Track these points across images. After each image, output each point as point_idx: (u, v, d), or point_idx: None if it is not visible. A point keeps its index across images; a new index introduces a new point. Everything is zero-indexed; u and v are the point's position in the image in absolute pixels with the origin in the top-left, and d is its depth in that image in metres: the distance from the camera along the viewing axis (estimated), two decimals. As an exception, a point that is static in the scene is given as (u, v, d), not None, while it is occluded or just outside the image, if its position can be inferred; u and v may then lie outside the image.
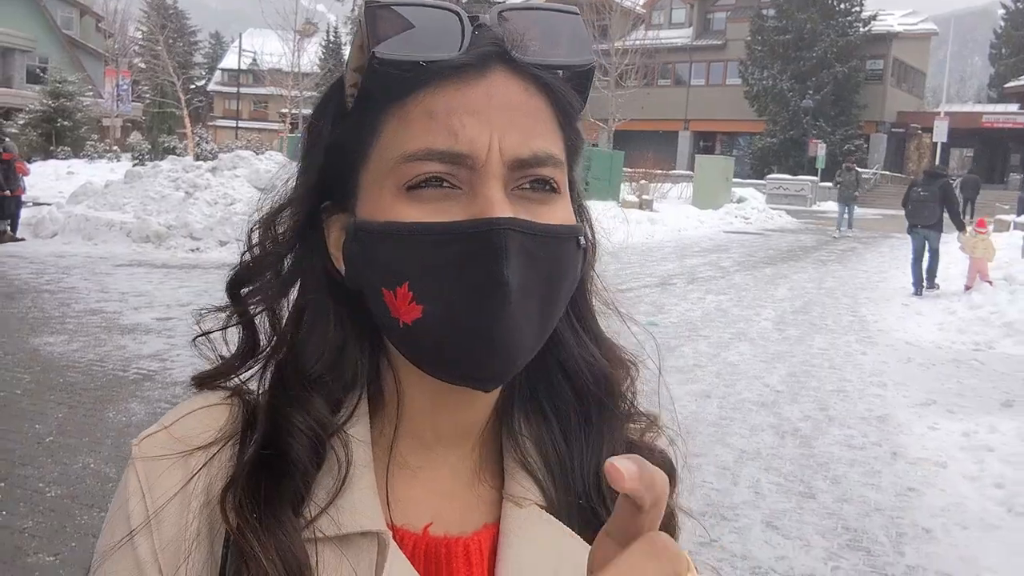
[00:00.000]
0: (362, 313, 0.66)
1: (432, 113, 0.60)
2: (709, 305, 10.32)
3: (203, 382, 0.69)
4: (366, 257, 0.62)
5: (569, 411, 0.72)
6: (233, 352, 0.70)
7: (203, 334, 0.70)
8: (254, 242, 0.69)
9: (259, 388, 0.68)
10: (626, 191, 26.47)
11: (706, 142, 48.23)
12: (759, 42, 42.47)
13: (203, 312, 0.70)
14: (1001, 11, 55.91)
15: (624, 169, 27.25)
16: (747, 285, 12.35)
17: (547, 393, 0.73)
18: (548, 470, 0.70)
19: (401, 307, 0.61)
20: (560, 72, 0.65)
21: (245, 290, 0.69)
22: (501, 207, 0.58)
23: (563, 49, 0.64)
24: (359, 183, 0.64)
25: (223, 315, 0.70)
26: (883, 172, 41.48)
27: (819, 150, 35.46)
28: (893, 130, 44.87)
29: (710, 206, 27.01)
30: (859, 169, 25.43)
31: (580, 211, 0.70)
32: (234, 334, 0.70)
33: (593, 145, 33.99)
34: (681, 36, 48.13)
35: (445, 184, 0.60)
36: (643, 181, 27.37)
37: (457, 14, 0.61)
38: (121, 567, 0.62)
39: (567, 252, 0.63)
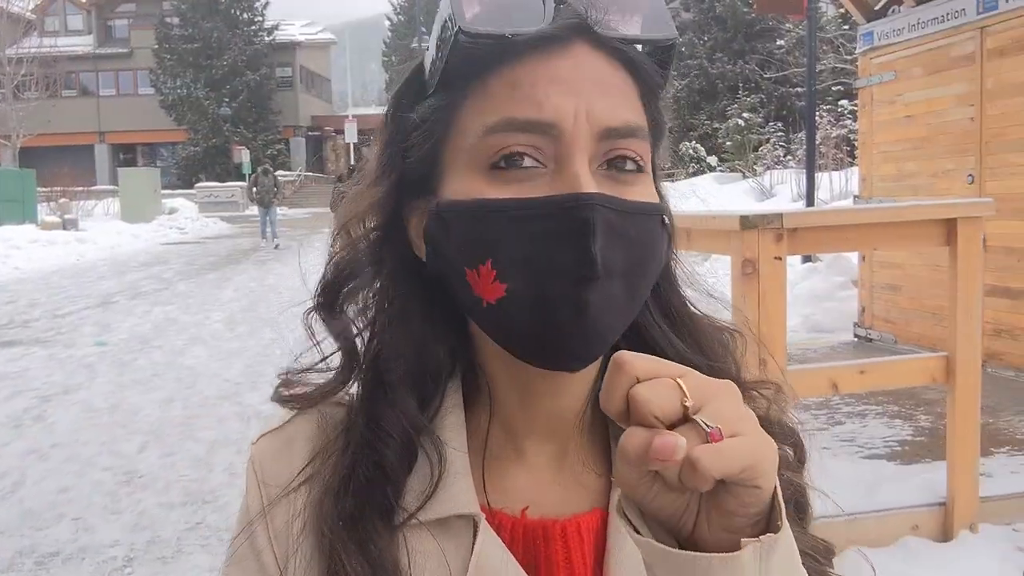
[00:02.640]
0: (448, 303, 0.65)
1: (515, 84, 0.59)
2: (157, 316, 10.27)
3: (289, 382, 0.71)
4: (448, 237, 0.61)
5: None
6: (336, 370, 0.70)
7: (317, 341, 0.70)
8: (338, 245, 0.69)
9: (355, 386, 0.69)
10: (45, 212, 24.27)
11: (126, 154, 45.91)
12: (167, 50, 41.66)
13: (307, 313, 0.70)
14: (387, 23, 62.33)
15: (39, 188, 24.92)
16: (192, 292, 12.46)
17: None
18: None
19: (485, 286, 0.59)
20: (642, 47, 0.64)
21: (340, 296, 0.68)
22: (588, 183, 0.57)
23: (645, 24, 0.62)
24: (442, 165, 0.63)
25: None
26: (307, 173, 43.85)
27: (243, 156, 36.23)
28: (310, 133, 47.65)
29: (142, 220, 26.10)
30: (279, 173, 24.90)
31: (660, 193, 0.67)
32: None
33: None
34: (82, 44, 44.89)
35: (528, 161, 0.59)
36: (64, 200, 25.30)
37: None
38: (243, 551, 0.67)
39: (653, 231, 0.62)
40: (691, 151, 24.67)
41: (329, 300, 0.69)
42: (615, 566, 0.65)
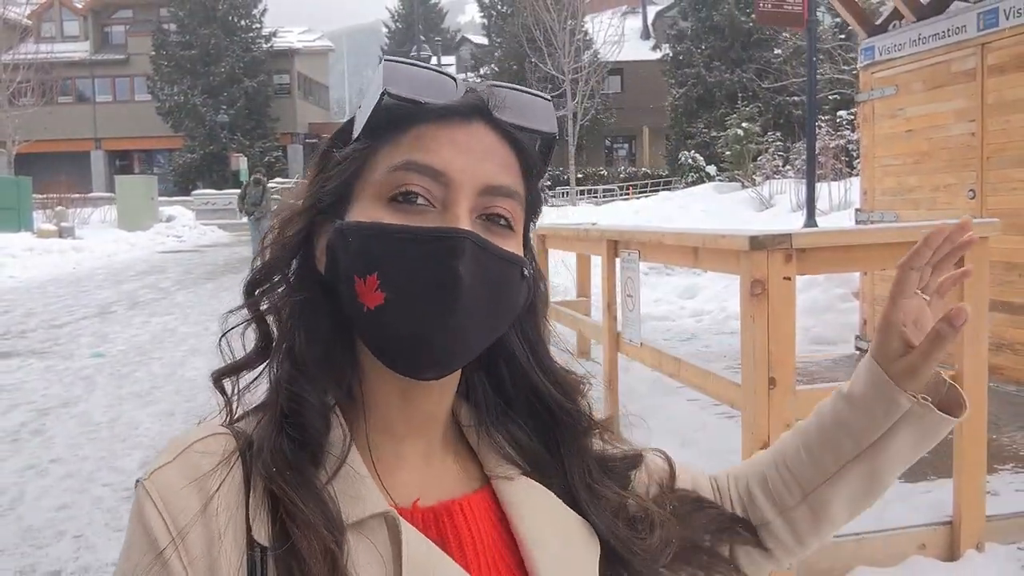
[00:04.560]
0: (341, 321, 0.75)
1: (420, 138, 0.72)
2: (156, 327, 10.24)
3: (222, 376, 0.77)
4: (346, 248, 0.71)
5: (535, 424, 0.84)
6: (251, 349, 0.78)
7: (224, 333, 0.77)
8: (266, 244, 0.78)
9: (272, 376, 0.76)
10: (41, 219, 24.21)
11: (123, 161, 45.90)
12: (164, 57, 41.64)
13: (228, 313, 0.78)
14: (385, 30, 62.46)
15: (35, 196, 24.87)
16: (191, 302, 12.42)
17: (503, 402, 0.84)
18: (523, 459, 0.82)
19: (368, 293, 0.69)
20: (528, 135, 0.77)
21: (259, 290, 0.78)
22: (465, 223, 0.70)
23: (533, 118, 0.77)
24: (351, 195, 0.74)
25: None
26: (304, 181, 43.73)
27: (241, 163, 36.23)
28: (307, 140, 47.62)
29: (139, 228, 26.04)
30: (276, 180, 24.12)
31: (530, 260, 0.80)
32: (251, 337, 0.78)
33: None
34: (78, 50, 44.89)
35: (421, 200, 0.71)
36: (60, 207, 25.25)
37: (452, 78, 0.74)
38: None
39: (513, 278, 0.74)
40: (690, 160, 24.75)
41: (250, 293, 0.78)
42: (522, 528, 0.76)
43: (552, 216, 19.00)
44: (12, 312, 11.75)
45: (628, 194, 32.68)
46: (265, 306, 0.77)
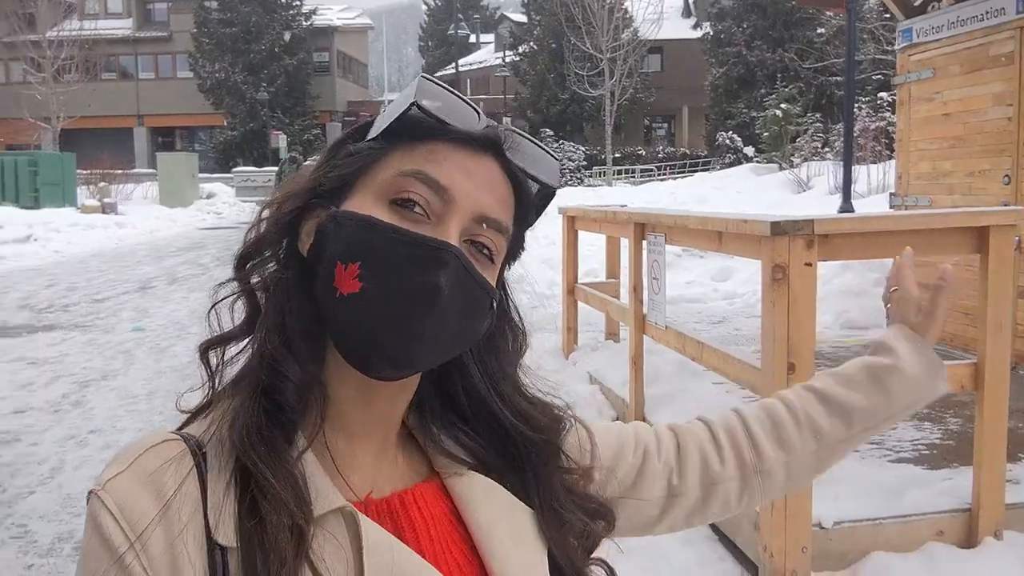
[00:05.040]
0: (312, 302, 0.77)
1: (433, 153, 0.76)
2: (194, 302, 10.40)
3: (210, 347, 0.79)
4: (336, 234, 0.74)
5: (494, 443, 0.87)
6: (240, 322, 0.80)
7: (214, 305, 0.80)
8: (263, 219, 0.80)
9: (255, 348, 0.78)
10: (85, 195, 24.66)
11: (165, 138, 46.53)
12: (206, 34, 42.02)
13: (218, 285, 0.81)
14: (424, 7, 62.38)
15: (78, 171, 25.33)
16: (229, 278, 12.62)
17: (457, 420, 0.87)
18: (471, 458, 0.85)
19: (345, 280, 0.72)
20: (532, 183, 0.82)
21: (249, 265, 0.79)
22: (454, 240, 0.74)
23: (540, 169, 0.82)
24: (353, 189, 0.77)
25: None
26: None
27: (280, 141, 36.53)
28: (346, 118, 47.79)
29: (179, 204, 26.45)
30: (314, 159, 24.54)
31: (506, 299, 0.87)
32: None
33: (36, 147, 30.91)
34: (121, 27, 45.47)
35: (419, 210, 0.74)
36: (103, 184, 25.68)
37: (477, 111, 0.79)
38: None
39: (482, 302, 0.77)
40: (727, 141, 24.50)
41: (241, 267, 0.80)
42: (474, 517, 0.80)
43: (588, 196, 18.96)
44: (56, 286, 12.04)
45: (665, 175, 32.47)
46: (255, 280, 0.79)
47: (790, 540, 3.00)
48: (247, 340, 0.79)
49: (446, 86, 0.78)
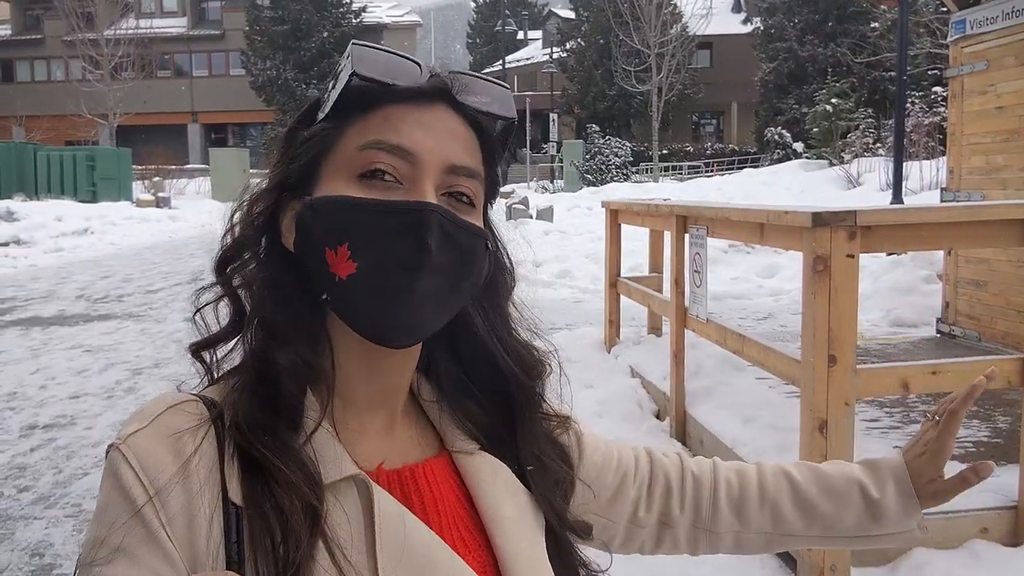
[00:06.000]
0: (310, 293, 0.77)
1: (388, 118, 0.75)
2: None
3: (200, 348, 0.80)
4: (317, 222, 0.74)
5: (493, 398, 0.88)
6: (225, 324, 0.80)
7: (199, 309, 0.80)
8: (235, 223, 0.81)
9: (246, 346, 0.78)
10: (140, 190, 25.21)
11: (218, 134, 47.32)
12: (257, 32, 42.59)
13: (200, 289, 0.81)
14: (472, 4, 62.50)
15: (134, 167, 25.91)
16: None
17: (464, 376, 0.88)
18: (477, 430, 0.86)
19: (340, 263, 0.72)
20: (490, 119, 0.82)
21: (230, 268, 0.80)
22: (431, 199, 0.74)
23: (493, 104, 0.81)
24: (318, 173, 0.77)
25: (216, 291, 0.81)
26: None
27: (329, 137, 36.77)
28: (393, 114, 48.11)
29: (231, 199, 26.38)
30: None
31: (494, 238, 0.85)
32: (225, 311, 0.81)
33: (93, 143, 31.65)
34: (176, 25, 46.36)
35: (388, 177, 0.74)
36: (157, 178, 26.23)
37: (417, 64, 0.78)
38: (129, 536, 0.66)
39: (477, 247, 0.78)
40: (776, 137, 24.18)
41: (221, 271, 0.80)
42: (481, 496, 0.81)
43: (635, 192, 18.88)
44: (112, 277, 12.36)
45: (712, 171, 32.17)
46: (237, 282, 0.79)
47: (829, 533, 2.98)
48: (235, 339, 0.79)
49: (380, 46, 0.78)
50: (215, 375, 0.80)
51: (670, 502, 1.00)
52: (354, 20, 44.42)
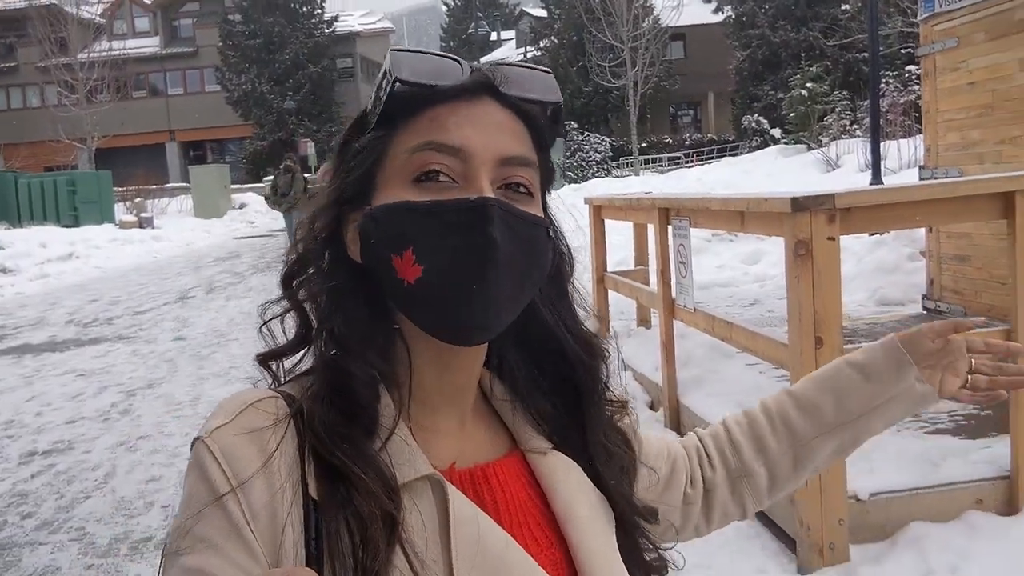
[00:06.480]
0: (379, 299, 0.79)
1: (435, 118, 0.76)
2: (232, 311, 10.61)
3: (267, 359, 0.82)
4: (379, 230, 0.75)
5: (560, 387, 0.88)
6: (292, 336, 0.81)
7: (266, 323, 0.82)
8: (299, 240, 0.82)
9: (317, 357, 0.80)
10: (122, 211, 25.12)
11: (196, 151, 47.09)
12: (231, 47, 42.43)
13: (266, 303, 0.83)
14: (444, 8, 62.42)
15: (115, 189, 25.82)
16: (264, 285, 12.74)
17: (534, 369, 0.89)
18: (548, 428, 0.87)
19: (406, 268, 0.73)
20: (536, 106, 0.81)
21: (296, 282, 0.82)
22: (488, 193, 0.73)
23: (537, 90, 0.81)
24: (375, 182, 0.78)
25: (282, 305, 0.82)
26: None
27: (309, 148, 36.77)
28: (375, 122, 47.99)
29: (214, 215, 26.87)
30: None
31: (552, 224, 0.85)
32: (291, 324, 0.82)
33: (73, 167, 31.49)
34: (149, 45, 46.11)
35: (443, 177, 0.74)
36: (139, 199, 26.15)
37: (458, 61, 0.78)
38: (214, 528, 0.67)
39: (539, 237, 0.78)
40: (753, 124, 24.28)
41: (287, 285, 0.82)
42: (557, 497, 0.82)
43: (616, 187, 18.94)
44: (99, 300, 12.31)
45: (692, 162, 32.28)
46: (303, 295, 0.81)
47: (826, 513, 3.03)
48: (302, 352, 0.81)
49: (418, 49, 0.78)
50: (282, 382, 0.82)
51: (703, 467, 1.04)
52: (327, 30, 44.35)
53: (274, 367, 0.82)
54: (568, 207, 0.97)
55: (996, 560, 2.96)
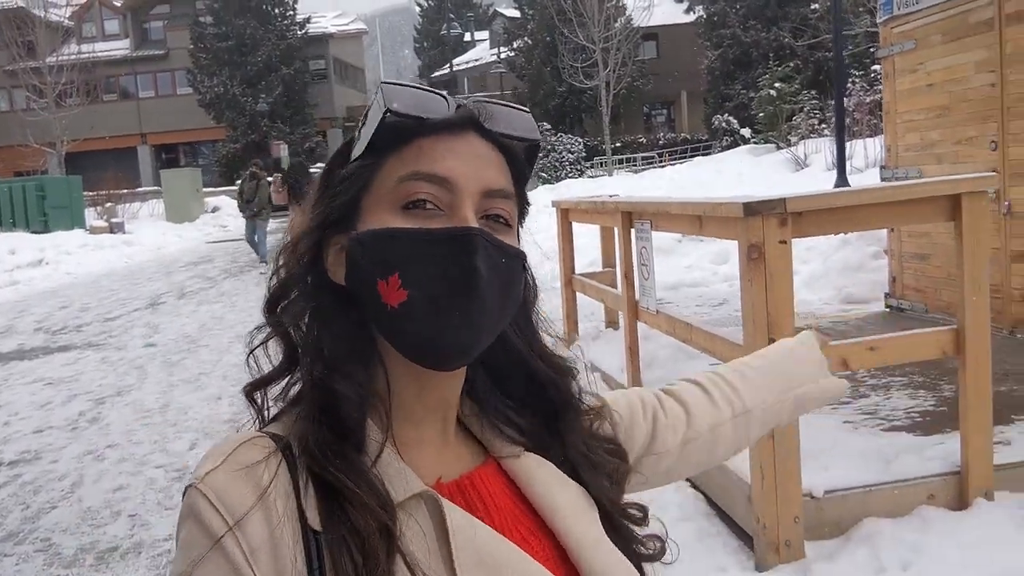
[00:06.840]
0: (362, 321, 0.81)
1: (423, 149, 0.79)
2: (204, 316, 10.58)
3: (255, 388, 0.83)
4: (366, 255, 0.77)
5: (533, 406, 0.91)
6: (278, 363, 0.83)
7: (252, 351, 0.83)
8: (280, 264, 0.84)
9: (304, 378, 0.81)
10: (92, 216, 24.88)
11: (168, 154, 46.68)
12: (202, 49, 42.09)
13: (252, 332, 0.84)
14: (418, 8, 62.35)
15: (85, 193, 25.56)
16: (237, 290, 12.76)
17: (503, 388, 0.91)
18: (523, 438, 0.89)
19: (391, 293, 0.75)
20: (515, 142, 0.85)
21: (280, 307, 0.83)
22: (473, 223, 0.77)
23: (517, 128, 0.85)
24: (361, 209, 0.80)
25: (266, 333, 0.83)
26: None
27: (282, 151, 36.61)
28: (346, 124, 47.84)
29: (186, 219, 26.68)
30: (319, 166, 21.18)
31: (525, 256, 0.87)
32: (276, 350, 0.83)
33: (42, 172, 31.14)
34: (119, 48, 45.65)
35: (430, 205, 0.77)
36: (109, 204, 25.89)
37: (444, 96, 0.81)
38: (214, 573, 0.68)
39: (517, 267, 0.82)
40: (723, 124, 24.46)
41: (271, 311, 0.83)
42: (538, 496, 0.85)
43: (589, 187, 19.02)
44: (69, 307, 12.21)
45: (665, 162, 32.46)
46: (287, 320, 0.82)
47: (782, 511, 3.09)
48: (288, 377, 0.82)
49: (408, 83, 0.82)
50: (267, 416, 0.83)
51: (706, 408, 1.12)
52: (299, 32, 44.09)
53: (259, 401, 0.83)
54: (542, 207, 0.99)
55: (947, 554, 3.04)
